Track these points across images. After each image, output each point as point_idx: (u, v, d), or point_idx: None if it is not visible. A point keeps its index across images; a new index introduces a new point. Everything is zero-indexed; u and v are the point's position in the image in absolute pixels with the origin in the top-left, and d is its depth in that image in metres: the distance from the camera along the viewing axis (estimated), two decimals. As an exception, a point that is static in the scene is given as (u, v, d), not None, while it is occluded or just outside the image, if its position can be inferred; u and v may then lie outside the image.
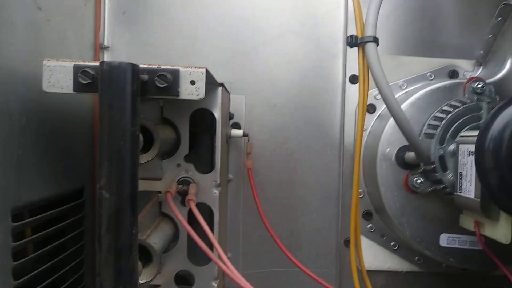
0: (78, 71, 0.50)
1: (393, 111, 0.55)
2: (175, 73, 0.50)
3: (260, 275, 0.83)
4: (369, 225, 0.81)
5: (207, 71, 0.50)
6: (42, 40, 0.63)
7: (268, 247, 0.82)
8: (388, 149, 0.71)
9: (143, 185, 0.67)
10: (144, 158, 0.55)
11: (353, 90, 0.82)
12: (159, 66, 0.50)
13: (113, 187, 0.45)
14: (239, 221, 0.83)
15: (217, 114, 0.67)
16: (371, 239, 0.81)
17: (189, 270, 0.68)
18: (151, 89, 0.49)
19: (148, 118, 0.64)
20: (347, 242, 0.82)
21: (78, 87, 0.50)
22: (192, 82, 0.50)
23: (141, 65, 0.49)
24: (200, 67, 0.50)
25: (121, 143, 0.45)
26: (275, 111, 0.83)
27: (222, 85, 0.67)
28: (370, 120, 0.80)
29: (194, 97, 0.50)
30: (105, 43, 0.85)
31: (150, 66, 0.49)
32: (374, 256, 0.81)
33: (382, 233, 0.81)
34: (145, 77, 0.49)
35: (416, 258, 0.82)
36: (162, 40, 0.84)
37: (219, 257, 0.59)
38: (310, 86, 0.83)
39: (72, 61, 0.51)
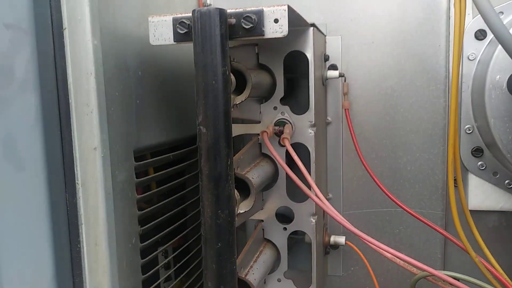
0: (176, 22, 0.55)
1: (493, 28, 0.49)
2: (259, 14, 0.52)
3: (362, 216, 0.84)
4: (480, 163, 0.75)
5: (289, 7, 0.51)
6: (150, 4, 0.70)
7: (370, 187, 0.82)
8: (498, 76, 0.64)
9: (244, 129, 0.72)
10: (238, 99, 0.59)
11: (459, 17, 0.74)
12: (244, 9, 0.52)
13: (209, 122, 0.50)
14: (339, 163, 0.84)
15: (309, 54, 0.68)
16: (482, 178, 0.76)
17: (288, 206, 0.72)
18: (239, 31, 0.52)
19: (245, 64, 0.68)
20: (455, 181, 0.78)
21: (177, 37, 0.56)
22: (276, 20, 0.52)
23: (228, 10, 0.52)
24: (282, 5, 0.51)
25: (213, 82, 0.49)
26: (373, 49, 0.80)
27: (313, 25, 0.67)
28: (480, 47, 0.73)
29: (278, 35, 0.52)
30: (208, 1, 0.91)
31: (236, 10, 0.52)
32: (485, 195, 0.76)
33: (494, 171, 0.75)
34: (232, 20, 0.52)
35: (536, 197, 0.74)
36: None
37: (315, 194, 0.62)
38: (410, 17, 0.78)
39: (171, 14, 0.56)
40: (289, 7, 0.51)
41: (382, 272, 0.85)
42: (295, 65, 0.72)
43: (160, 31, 0.57)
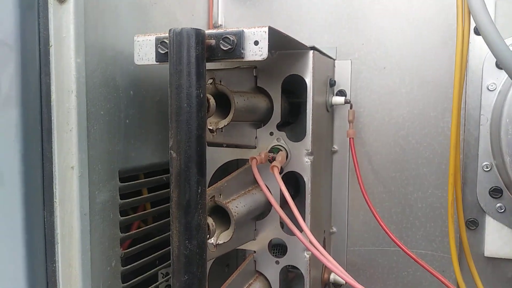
0: (158, 42, 0.54)
1: (499, 56, 0.43)
2: (239, 35, 0.49)
3: (367, 254, 0.78)
4: (498, 204, 0.67)
5: (270, 29, 0.48)
6: (149, 22, 0.69)
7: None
8: (516, 110, 0.57)
9: (239, 154, 0.69)
10: (222, 123, 0.56)
11: (479, 43, 0.68)
12: (225, 29, 0.50)
13: (180, 147, 0.47)
14: (345, 195, 0.79)
15: (307, 79, 0.64)
16: (501, 221, 0.67)
17: (281, 239, 0.68)
18: (218, 52, 0.50)
19: (243, 88, 0.65)
20: (470, 224, 0.70)
21: (159, 57, 0.54)
22: (256, 43, 0.49)
23: (208, 31, 0.50)
24: (263, 26, 0.49)
25: (185, 105, 0.47)
26: (384, 75, 0.75)
27: (313, 48, 0.64)
28: (502, 76, 0.66)
29: (258, 57, 0.49)
30: (219, 21, 0.90)
31: (216, 31, 0.50)
32: (504, 241, 0.67)
33: (515, 214, 0.67)
34: (212, 41, 0.50)
35: None
36: (268, 12, 0.84)
37: (300, 229, 0.58)
38: (425, 42, 0.73)
39: (156, 34, 0.55)
40: (270, 28, 0.49)
41: (388, 317, 0.77)
42: (296, 90, 0.69)
43: (144, 51, 0.55)
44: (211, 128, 0.57)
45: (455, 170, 0.49)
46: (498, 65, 0.66)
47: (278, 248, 0.73)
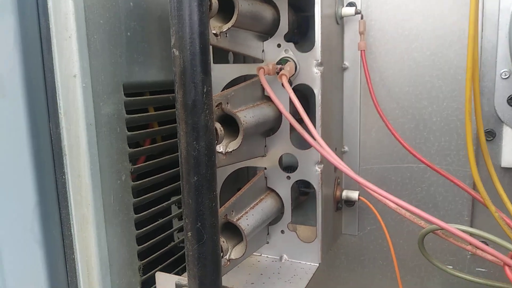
0: None
1: None
2: None
3: (381, 172, 0.77)
4: (517, 112, 0.65)
5: None
6: None
7: (390, 140, 0.74)
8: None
9: (247, 70, 0.67)
10: (225, 26, 0.54)
11: None
12: None
13: (182, 44, 0.45)
14: (357, 112, 0.76)
15: (315, -16, 0.61)
16: (520, 129, 0.65)
17: (292, 153, 0.67)
18: None
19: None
20: (487, 135, 0.67)
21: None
22: None
23: None
24: None
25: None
26: (397, -17, 0.71)
27: (321, -49, 0.60)
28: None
29: None
30: None
31: None
32: (522, 150, 0.65)
33: (535, 122, 0.64)
34: None
35: None
36: None
37: (313, 138, 0.56)
38: None
39: None
40: None
41: (402, 233, 0.77)
42: (309, 5, 0.65)
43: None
44: (215, 32, 0.54)
45: (473, 74, 0.46)
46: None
47: (289, 169, 0.72)
